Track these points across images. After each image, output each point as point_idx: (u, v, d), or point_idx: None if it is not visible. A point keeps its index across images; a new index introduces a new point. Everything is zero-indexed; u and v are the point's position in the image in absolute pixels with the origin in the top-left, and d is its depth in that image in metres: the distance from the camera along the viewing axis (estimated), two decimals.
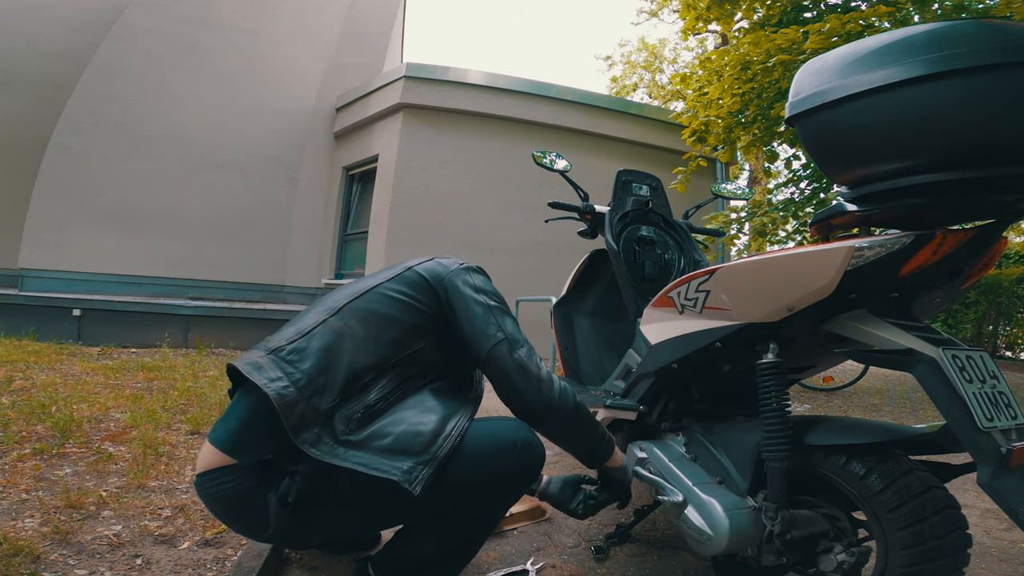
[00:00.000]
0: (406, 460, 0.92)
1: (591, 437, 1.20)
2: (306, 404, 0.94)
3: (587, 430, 1.20)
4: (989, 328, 7.34)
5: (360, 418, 0.97)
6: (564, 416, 1.13)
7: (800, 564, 1.08)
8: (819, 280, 0.96)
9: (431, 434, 0.96)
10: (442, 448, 0.95)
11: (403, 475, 0.91)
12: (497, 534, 1.61)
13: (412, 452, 0.93)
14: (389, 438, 0.94)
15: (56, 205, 6.13)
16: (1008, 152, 0.82)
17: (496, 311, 1.17)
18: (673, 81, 5.77)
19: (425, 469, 0.92)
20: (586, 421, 1.19)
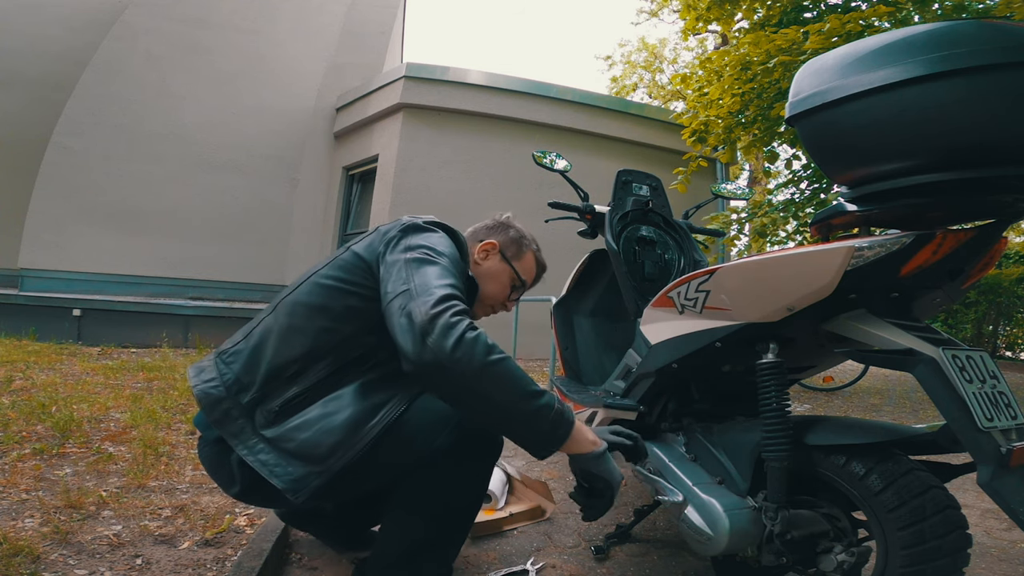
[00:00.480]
0: (302, 467, 0.95)
1: (517, 413, 0.89)
2: (231, 401, 1.00)
3: (506, 402, 0.89)
4: (989, 328, 7.35)
5: (277, 411, 0.99)
6: (458, 379, 0.86)
7: (800, 564, 1.08)
8: (819, 280, 0.96)
9: (331, 447, 0.95)
10: (340, 461, 0.96)
11: (290, 483, 0.94)
12: (497, 534, 1.61)
13: (310, 461, 0.95)
14: (294, 443, 0.96)
15: (56, 205, 6.13)
16: (1008, 152, 0.82)
17: (412, 263, 0.99)
18: (673, 81, 5.77)
19: (316, 480, 0.95)
20: (504, 389, 0.88)
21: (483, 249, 1.31)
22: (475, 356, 0.86)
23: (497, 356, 0.88)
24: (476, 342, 0.87)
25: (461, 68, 6.37)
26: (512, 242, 1.34)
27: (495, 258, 1.32)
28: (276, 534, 1.38)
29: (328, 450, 0.95)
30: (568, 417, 0.94)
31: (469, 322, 0.89)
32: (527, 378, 0.91)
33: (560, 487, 2.07)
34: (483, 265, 1.31)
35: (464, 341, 0.86)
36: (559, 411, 0.93)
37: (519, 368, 0.91)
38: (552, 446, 0.94)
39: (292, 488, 0.94)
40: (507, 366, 0.89)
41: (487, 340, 0.89)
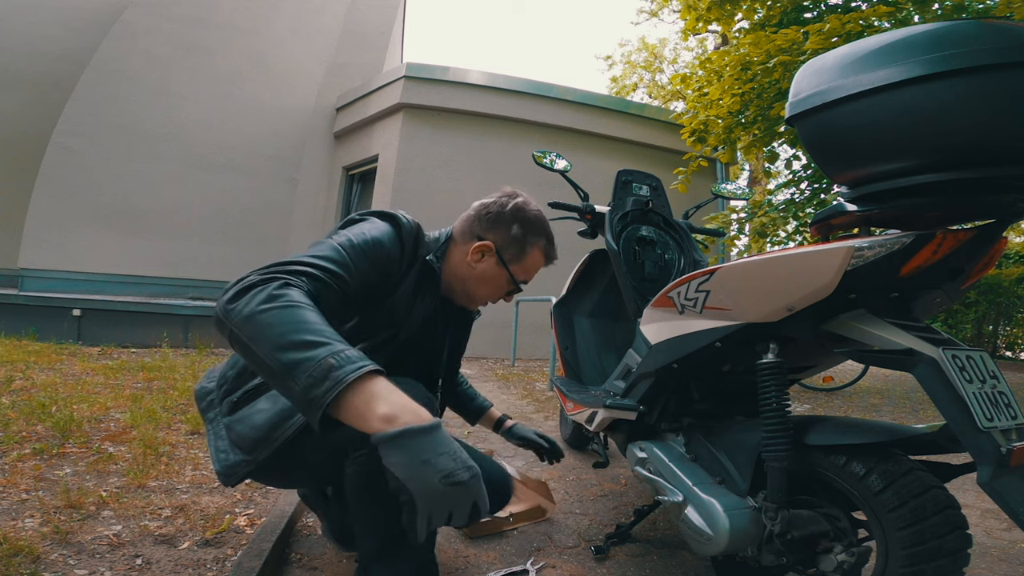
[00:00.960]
0: (239, 455, 1.01)
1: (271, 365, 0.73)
2: (217, 392, 1.10)
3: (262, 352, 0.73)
4: (989, 328, 7.35)
5: (236, 401, 1.06)
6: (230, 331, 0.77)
7: (800, 564, 1.08)
8: (819, 280, 0.96)
9: (254, 441, 1.01)
10: (263, 454, 1.00)
11: (223, 468, 1.01)
12: (497, 534, 1.61)
13: (243, 449, 1.01)
14: (234, 433, 1.03)
15: (56, 205, 6.13)
16: (1008, 152, 0.82)
17: (312, 245, 0.97)
18: (673, 82, 5.77)
19: (245, 468, 1.01)
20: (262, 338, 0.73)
21: (477, 251, 1.17)
22: (248, 306, 0.75)
23: (275, 304, 0.75)
24: (259, 293, 0.76)
25: (461, 68, 6.37)
26: (513, 242, 1.19)
27: (490, 260, 1.19)
28: (276, 534, 1.38)
29: (252, 444, 1.01)
30: (340, 376, 0.69)
31: (272, 275, 0.80)
32: (306, 327, 0.74)
33: (560, 487, 2.07)
34: (477, 268, 1.19)
35: (246, 293, 0.77)
36: (328, 367, 0.70)
37: (303, 318, 0.75)
38: (309, 410, 0.70)
39: (224, 472, 1.01)
40: (279, 314, 0.74)
41: (274, 290, 0.77)
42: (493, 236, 1.19)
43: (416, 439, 0.68)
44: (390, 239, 1.06)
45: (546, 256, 1.25)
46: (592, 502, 1.94)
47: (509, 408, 3.49)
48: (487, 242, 1.18)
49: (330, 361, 0.71)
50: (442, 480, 0.67)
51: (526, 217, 1.20)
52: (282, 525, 1.44)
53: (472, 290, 1.22)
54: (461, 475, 0.68)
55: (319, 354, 0.71)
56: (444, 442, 0.70)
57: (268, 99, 7.21)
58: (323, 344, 0.72)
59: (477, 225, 1.20)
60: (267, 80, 7.27)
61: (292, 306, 0.76)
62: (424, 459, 0.68)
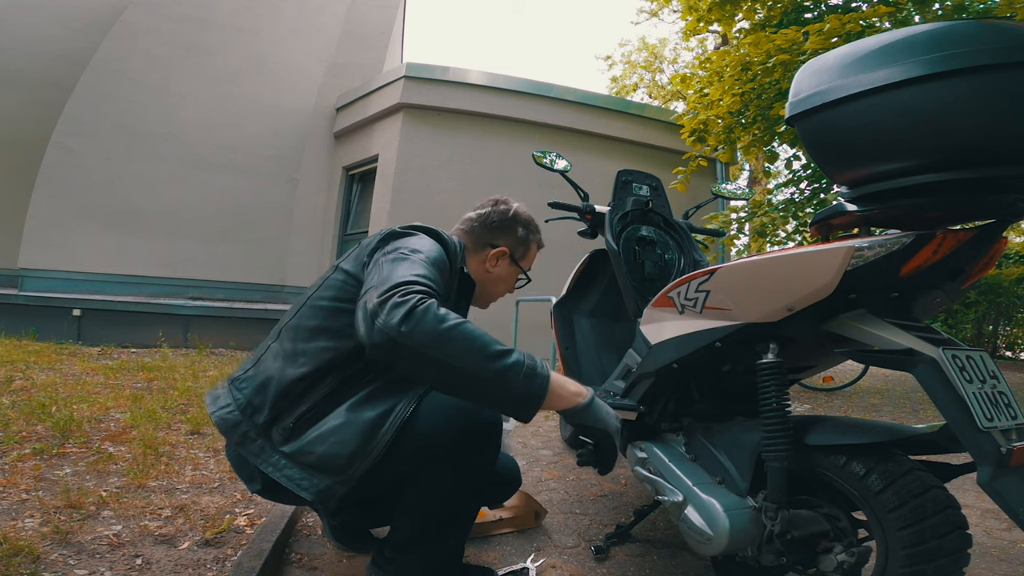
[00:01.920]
0: (325, 479, 1.01)
1: (484, 375, 0.86)
2: (248, 423, 1.06)
3: (469, 366, 0.85)
4: (989, 328, 7.35)
5: (292, 427, 1.04)
6: (413, 352, 0.84)
7: (800, 564, 1.08)
8: (819, 280, 0.96)
9: (349, 457, 1.00)
10: (360, 469, 1.01)
11: (317, 494, 1.01)
12: (488, 536, 1.61)
13: (331, 472, 1.01)
14: (314, 456, 1.02)
15: (56, 205, 6.13)
16: (1008, 152, 0.82)
17: (386, 264, 0.99)
18: (673, 82, 5.78)
19: (341, 488, 1.01)
20: (463, 353, 0.85)
21: (495, 256, 1.35)
22: (425, 325, 0.84)
23: (452, 322, 0.85)
24: (426, 313, 0.85)
25: (461, 68, 6.37)
26: (520, 243, 1.38)
27: (504, 262, 1.36)
28: (276, 534, 1.38)
29: (347, 460, 1.00)
30: (542, 372, 0.91)
31: (420, 297, 0.87)
32: (489, 339, 0.88)
33: (560, 487, 2.07)
34: (494, 271, 1.36)
35: (413, 314, 0.84)
36: (531, 367, 0.90)
37: (479, 331, 0.88)
38: (530, 404, 0.89)
39: (320, 499, 1.01)
40: (463, 330, 0.86)
41: (438, 310, 0.86)
42: (505, 241, 1.35)
43: (595, 402, 1.02)
44: (442, 256, 1.12)
45: (540, 246, 1.45)
46: (592, 502, 1.94)
47: None
48: (502, 248, 1.35)
49: (529, 363, 0.90)
50: (616, 419, 1.05)
51: (526, 219, 1.40)
52: (282, 525, 1.44)
53: (491, 291, 1.39)
54: (617, 422, 1.05)
55: (518, 358, 0.90)
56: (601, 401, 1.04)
57: (268, 99, 7.21)
58: (511, 349, 0.90)
59: (486, 235, 1.35)
60: (267, 80, 7.27)
61: (463, 322, 0.87)
62: (606, 411, 1.03)
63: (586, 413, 0.99)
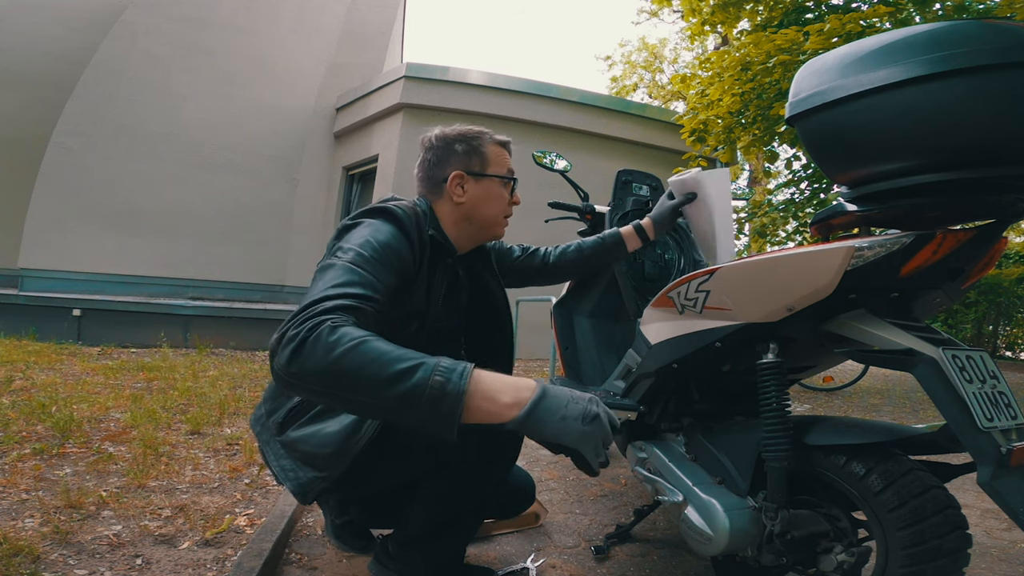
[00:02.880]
0: (310, 472, 1.03)
1: (385, 403, 0.73)
2: (266, 416, 1.14)
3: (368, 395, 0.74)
4: (989, 328, 7.35)
5: (282, 421, 1.08)
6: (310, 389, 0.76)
7: (800, 564, 1.08)
8: (819, 280, 0.96)
9: (328, 457, 1.02)
10: (337, 469, 1.01)
11: (298, 485, 1.03)
12: (489, 536, 1.61)
13: (316, 467, 1.03)
14: (299, 452, 1.05)
15: (56, 205, 6.13)
16: (1008, 152, 0.82)
17: (317, 275, 0.92)
18: (674, 82, 5.78)
19: (321, 484, 1.02)
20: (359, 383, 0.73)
21: (454, 183, 1.19)
22: (314, 361, 0.74)
23: (342, 349, 0.73)
24: (316, 344, 0.74)
25: (461, 68, 6.37)
26: (467, 154, 1.21)
27: (470, 183, 1.20)
28: (276, 534, 1.38)
29: (326, 460, 1.02)
30: (453, 389, 0.72)
31: (316, 323, 0.76)
32: (389, 358, 0.73)
33: (560, 487, 2.07)
34: (466, 198, 1.19)
35: (302, 350, 0.74)
36: (438, 385, 0.72)
37: (379, 350, 0.74)
38: (443, 428, 0.72)
39: (299, 491, 1.03)
40: (355, 357, 0.73)
41: (330, 337, 0.74)
42: (452, 166, 1.21)
43: (543, 405, 0.75)
44: (396, 238, 1.03)
45: (500, 143, 1.26)
46: (592, 502, 1.94)
47: None
48: (455, 171, 1.20)
49: (437, 379, 0.72)
50: (583, 422, 0.76)
51: (456, 134, 1.24)
52: (282, 525, 1.44)
53: (481, 217, 1.22)
54: (591, 409, 0.77)
55: (423, 376, 0.72)
56: (560, 393, 0.77)
57: (268, 99, 7.21)
58: (418, 365, 0.73)
59: (432, 176, 1.23)
60: (267, 80, 7.27)
61: (361, 343, 0.74)
62: (560, 416, 0.75)
63: (526, 428, 0.75)
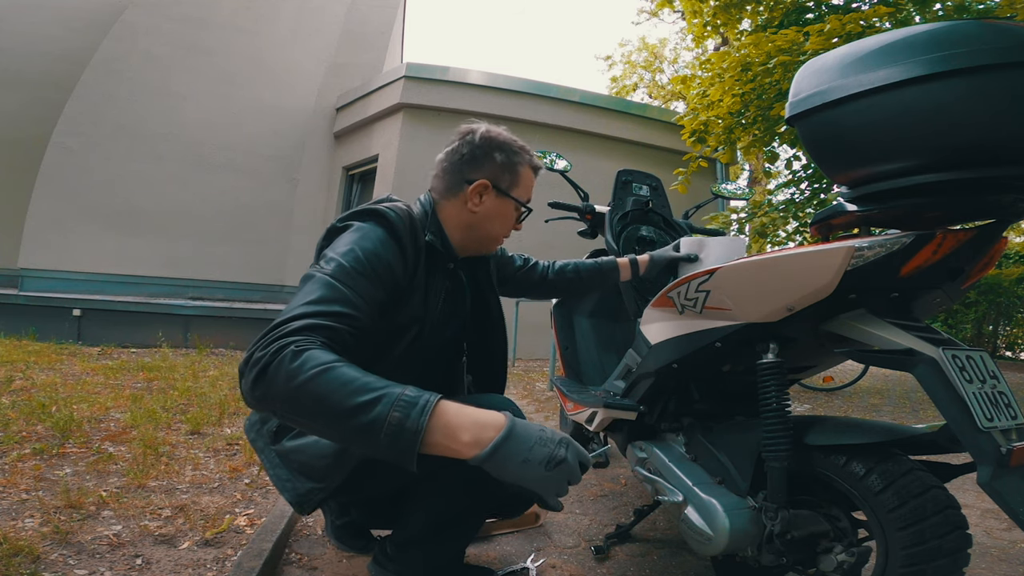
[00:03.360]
0: (308, 483, 1.01)
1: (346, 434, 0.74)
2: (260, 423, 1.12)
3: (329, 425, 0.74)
4: (989, 328, 7.35)
5: (275, 431, 1.07)
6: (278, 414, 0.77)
7: (800, 564, 1.08)
8: (819, 280, 0.96)
9: (326, 468, 1.00)
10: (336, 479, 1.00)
11: (296, 496, 1.02)
12: (489, 536, 1.61)
13: (314, 477, 1.01)
14: (296, 464, 1.03)
15: (56, 205, 6.13)
16: (1008, 152, 0.82)
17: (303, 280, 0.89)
18: (674, 83, 5.77)
19: (319, 495, 1.01)
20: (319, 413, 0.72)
21: (475, 192, 1.13)
22: (275, 387, 0.73)
23: (304, 377, 0.72)
24: (278, 370, 0.72)
25: (461, 68, 6.37)
26: (503, 169, 1.15)
27: (490, 196, 1.14)
28: (276, 534, 1.38)
29: (324, 471, 1.01)
30: (412, 425, 0.70)
31: (280, 345, 0.74)
32: (351, 388, 0.72)
33: None
34: (480, 210, 1.14)
35: (265, 374, 0.73)
36: (397, 420, 0.70)
37: (341, 379, 0.72)
38: (402, 461, 0.71)
39: (298, 502, 1.02)
40: (317, 386, 0.71)
41: (292, 363, 0.72)
42: (483, 173, 1.14)
43: (505, 447, 0.72)
44: (384, 244, 0.98)
45: (534, 168, 1.21)
46: (592, 502, 1.94)
47: None
48: (482, 180, 1.13)
49: (395, 414, 0.70)
50: (547, 467, 0.73)
51: (503, 141, 1.17)
52: (282, 525, 1.44)
53: (485, 232, 1.18)
54: (559, 453, 0.74)
55: (380, 412, 0.70)
56: (527, 435, 0.74)
57: (268, 99, 7.21)
58: (378, 399, 0.71)
59: (460, 171, 1.15)
60: (267, 80, 7.27)
61: (323, 371, 0.72)
62: (522, 460, 0.72)
63: (487, 467, 0.72)
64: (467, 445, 0.72)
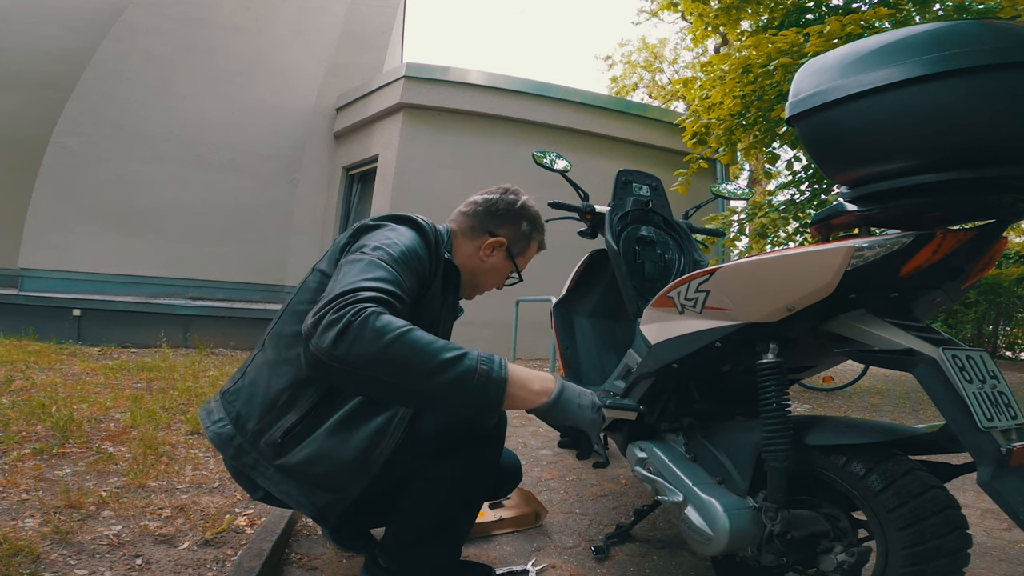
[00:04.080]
0: (327, 495, 1.00)
1: (434, 389, 0.80)
2: (241, 436, 1.04)
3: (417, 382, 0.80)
4: (989, 328, 7.35)
5: (280, 442, 1.01)
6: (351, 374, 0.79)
7: (800, 564, 1.08)
8: (819, 280, 0.96)
9: (349, 478, 1.00)
10: (359, 486, 1.00)
11: (318, 511, 1.01)
12: (489, 536, 1.61)
13: (332, 490, 1.00)
14: (312, 476, 1.00)
15: (56, 205, 6.13)
16: (1008, 152, 0.82)
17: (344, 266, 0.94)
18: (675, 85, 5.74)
19: (342, 505, 1.01)
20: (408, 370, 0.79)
21: (490, 246, 1.25)
22: (360, 345, 0.77)
23: (391, 336, 0.78)
24: (363, 328, 0.78)
25: (461, 68, 6.37)
26: (522, 238, 1.28)
27: (500, 254, 1.26)
28: (276, 534, 1.38)
29: (347, 480, 1.00)
30: (497, 376, 0.83)
31: (358, 309, 0.80)
32: (436, 347, 0.80)
33: (560, 487, 2.07)
34: (487, 262, 1.26)
35: (347, 333, 0.77)
36: (485, 372, 0.82)
37: (425, 339, 0.80)
38: (488, 412, 0.83)
39: (320, 515, 1.01)
40: (404, 345, 0.78)
41: (376, 323, 0.78)
42: (505, 232, 1.26)
43: (564, 396, 0.93)
44: (419, 245, 1.07)
45: (541, 247, 1.36)
46: (592, 502, 1.94)
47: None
48: (500, 238, 1.25)
49: (482, 367, 0.83)
50: (592, 411, 0.96)
51: (533, 215, 1.30)
52: (282, 525, 1.44)
53: (480, 282, 1.29)
54: (596, 402, 0.97)
55: (470, 365, 0.82)
56: (574, 388, 0.96)
57: (268, 99, 7.21)
58: (463, 355, 0.82)
59: (487, 221, 1.25)
60: (267, 80, 7.27)
61: (407, 332, 0.80)
62: (577, 404, 0.94)
63: (552, 413, 0.91)
64: (538, 393, 0.90)
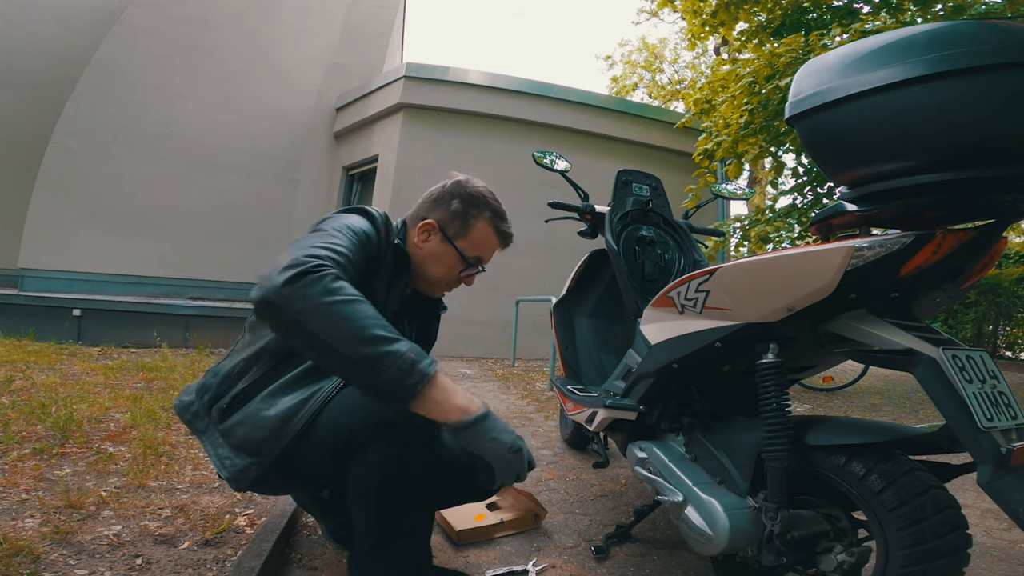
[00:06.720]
0: (245, 459, 1.01)
1: (354, 357, 0.80)
2: (199, 402, 1.08)
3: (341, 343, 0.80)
4: (989, 328, 7.35)
5: (226, 408, 1.05)
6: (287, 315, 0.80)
7: (800, 564, 1.08)
8: (819, 280, 0.96)
9: (263, 441, 1.00)
10: (271, 454, 1.00)
11: (233, 473, 1.01)
12: (490, 539, 1.61)
13: (249, 454, 1.01)
14: (236, 438, 1.02)
15: (56, 205, 6.13)
16: (1008, 152, 0.82)
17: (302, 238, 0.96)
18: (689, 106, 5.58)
19: (255, 471, 1.00)
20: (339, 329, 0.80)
21: (422, 230, 1.20)
22: (307, 292, 0.80)
23: (340, 297, 0.81)
24: (317, 281, 0.81)
25: (461, 68, 6.37)
26: (455, 217, 1.19)
27: (436, 238, 1.20)
28: (276, 534, 1.38)
29: (261, 443, 1.00)
30: (423, 370, 0.82)
31: (318, 264, 0.83)
32: (376, 323, 0.82)
33: (560, 487, 2.07)
34: (424, 248, 1.20)
35: (302, 279, 0.81)
36: (411, 361, 0.82)
37: (369, 313, 0.82)
38: (399, 398, 0.83)
39: (234, 478, 1.01)
40: (348, 308, 0.81)
41: (332, 283, 0.82)
42: (436, 214, 1.21)
43: (485, 423, 0.88)
44: (369, 227, 1.11)
45: (496, 230, 1.23)
46: (592, 502, 1.94)
47: (509, 408, 3.49)
48: (430, 220, 1.20)
49: (411, 356, 0.82)
50: (509, 450, 0.89)
51: (466, 191, 1.21)
52: (282, 525, 1.44)
53: (426, 272, 1.22)
54: (518, 443, 0.91)
55: (400, 348, 0.82)
56: (498, 421, 0.90)
57: (268, 99, 7.21)
58: (398, 339, 0.83)
59: (423, 207, 1.25)
60: (267, 80, 7.27)
61: (355, 300, 0.83)
62: (492, 437, 0.88)
63: (464, 434, 0.86)
64: (457, 408, 0.86)
